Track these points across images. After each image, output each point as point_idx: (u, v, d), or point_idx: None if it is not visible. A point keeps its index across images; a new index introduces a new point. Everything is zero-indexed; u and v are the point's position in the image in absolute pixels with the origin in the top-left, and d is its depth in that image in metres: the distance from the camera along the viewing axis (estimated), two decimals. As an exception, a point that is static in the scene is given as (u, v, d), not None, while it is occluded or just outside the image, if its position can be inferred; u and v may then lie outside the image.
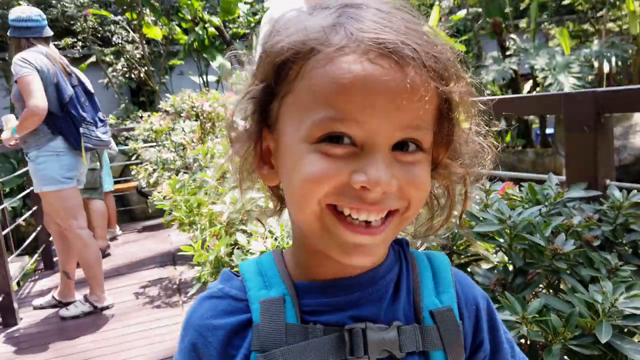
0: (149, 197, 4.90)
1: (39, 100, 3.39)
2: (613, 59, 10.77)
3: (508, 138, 12.15)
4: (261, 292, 0.65)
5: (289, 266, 0.68)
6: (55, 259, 5.71)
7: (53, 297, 4.28)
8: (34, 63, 3.47)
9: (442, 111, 0.60)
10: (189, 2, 10.52)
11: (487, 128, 0.70)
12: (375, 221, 0.58)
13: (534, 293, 1.36)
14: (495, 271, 1.34)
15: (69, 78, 3.74)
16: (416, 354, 0.64)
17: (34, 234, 5.42)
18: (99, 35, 11.02)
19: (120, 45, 10.92)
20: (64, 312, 4.03)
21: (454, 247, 1.52)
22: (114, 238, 6.38)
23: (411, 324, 0.65)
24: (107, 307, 4.09)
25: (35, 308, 4.29)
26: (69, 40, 10.56)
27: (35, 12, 3.64)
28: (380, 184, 0.54)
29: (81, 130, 3.73)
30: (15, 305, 4.15)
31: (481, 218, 1.37)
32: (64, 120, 3.64)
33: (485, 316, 0.71)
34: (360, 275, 0.64)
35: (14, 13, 3.59)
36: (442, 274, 0.70)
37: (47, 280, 5.15)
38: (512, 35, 12.18)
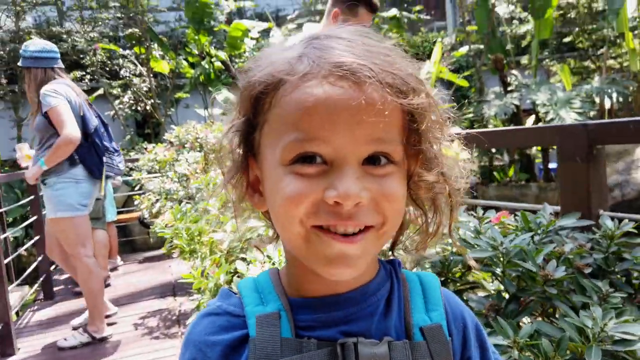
0: (150, 227, 4.92)
1: (73, 129, 3.50)
2: (614, 95, 10.89)
3: (511, 172, 12.20)
4: (258, 307, 0.68)
5: (284, 283, 0.71)
6: (55, 289, 5.72)
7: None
8: (64, 94, 3.59)
9: (407, 123, 0.63)
10: (196, 37, 10.79)
11: (456, 136, 0.73)
12: (353, 233, 0.60)
13: (529, 321, 1.37)
14: (490, 298, 1.35)
15: (91, 109, 3.92)
16: None
17: (34, 264, 5.42)
18: (108, 69, 11.28)
19: (127, 78, 11.15)
20: (62, 342, 4.01)
21: (450, 274, 1.54)
22: (114, 268, 6.37)
23: (402, 339, 0.66)
24: (105, 338, 4.06)
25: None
26: (78, 73, 10.81)
27: (53, 45, 3.79)
28: (350, 197, 0.57)
29: (104, 159, 3.89)
30: (14, 335, 4.13)
31: (474, 245, 1.39)
32: (87, 150, 3.76)
33: (473, 334, 0.73)
34: (351, 291, 0.67)
35: (38, 44, 3.68)
36: (431, 292, 0.72)
37: (47, 310, 5.12)
38: (514, 71, 12.38)
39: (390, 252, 0.77)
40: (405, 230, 0.74)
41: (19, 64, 3.74)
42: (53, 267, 5.77)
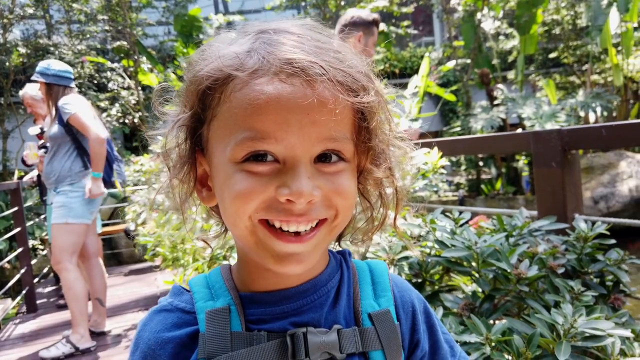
0: (136, 239, 4.88)
1: (98, 129, 3.85)
2: (598, 109, 11.05)
3: (498, 185, 12.30)
4: (208, 303, 0.68)
5: (235, 279, 0.71)
6: (38, 302, 5.63)
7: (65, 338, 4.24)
8: (80, 105, 3.89)
9: (358, 121, 0.63)
10: (185, 50, 10.82)
11: (404, 133, 0.74)
12: (305, 231, 0.61)
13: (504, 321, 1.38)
14: (465, 297, 1.37)
15: (101, 122, 4.19)
16: (356, 355, 0.67)
17: (17, 276, 5.35)
18: (95, 82, 11.25)
19: (115, 91, 11.13)
20: (44, 353, 3.95)
21: (427, 276, 1.55)
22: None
23: (351, 327, 0.68)
24: (88, 350, 4.01)
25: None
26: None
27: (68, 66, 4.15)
28: (302, 195, 0.58)
29: (114, 167, 4.22)
30: (-5, 347, 4.06)
31: (450, 245, 1.41)
32: None
33: (422, 317, 0.75)
34: (302, 284, 0.68)
35: (60, 65, 4.03)
36: (380, 279, 0.74)
37: (30, 324, 5.04)
38: (500, 86, 12.54)
39: (337, 244, 0.78)
40: (353, 222, 0.75)
41: (40, 79, 3.95)
42: (36, 279, 5.70)
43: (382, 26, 13.38)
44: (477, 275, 1.38)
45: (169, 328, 0.68)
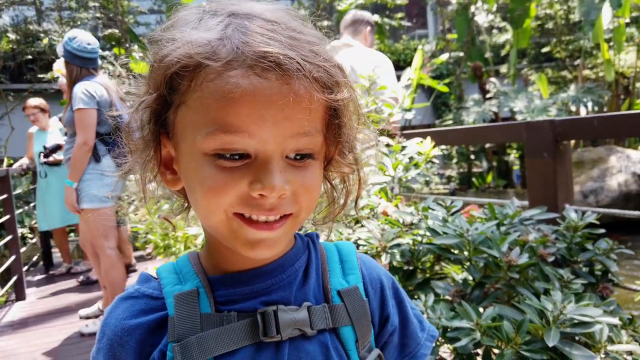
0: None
1: (88, 136, 3.58)
2: (589, 104, 11.12)
3: (489, 178, 12.37)
4: (176, 287, 0.68)
5: (203, 263, 0.72)
6: (27, 290, 5.61)
7: (99, 308, 4.31)
8: (96, 96, 3.59)
9: (329, 117, 0.64)
10: (177, 39, 10.73)
11: (371, 124, 0.76)
12: (274, 219, 0.62)
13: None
14: (454, 284, 1.38)
15: (124, 106, 3.86)
16: (327, 331, 0.68)
17: (6, 264, 5.32)
18: (86, 69, 11.12)
19: (106, 79, 11.01)
20: (84, 329, 4.02)
21: (419, 264, 1.56)
22: (89, 270, 6.25)
23: (321, 304, 0.69)
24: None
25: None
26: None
27: (96, 43, 3.70)
28: (275, 190, 0.59)
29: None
30: (-17, 335, 4.04)
31: (442, 232, 1.41)
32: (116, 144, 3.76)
33: (390, 293, 0.77)
34: (270, 263, 0.69)
35: (82, 41, 3.59)
36: (347, 257, 0.76)
37: (19, 311, 5.02)
38: (493, 79, 12.57)
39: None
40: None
41: (59, 50, 3.65)
42: (26, 268, 5.67)
43: (376, 17, 13.38)
44: (468, 262, 1.39)
45: (135, 315, 0.68)
